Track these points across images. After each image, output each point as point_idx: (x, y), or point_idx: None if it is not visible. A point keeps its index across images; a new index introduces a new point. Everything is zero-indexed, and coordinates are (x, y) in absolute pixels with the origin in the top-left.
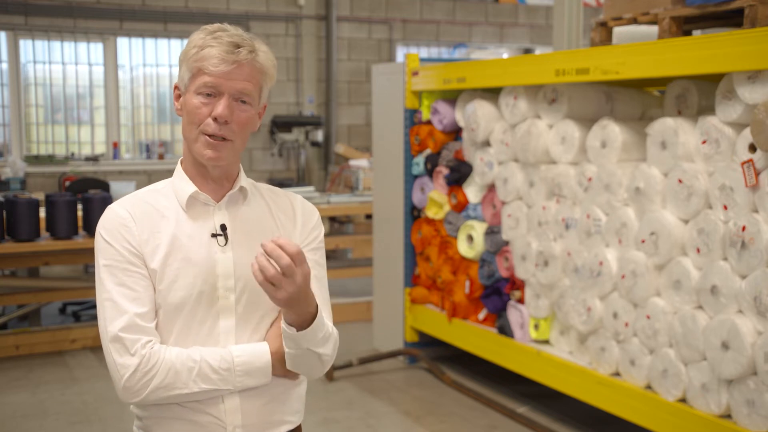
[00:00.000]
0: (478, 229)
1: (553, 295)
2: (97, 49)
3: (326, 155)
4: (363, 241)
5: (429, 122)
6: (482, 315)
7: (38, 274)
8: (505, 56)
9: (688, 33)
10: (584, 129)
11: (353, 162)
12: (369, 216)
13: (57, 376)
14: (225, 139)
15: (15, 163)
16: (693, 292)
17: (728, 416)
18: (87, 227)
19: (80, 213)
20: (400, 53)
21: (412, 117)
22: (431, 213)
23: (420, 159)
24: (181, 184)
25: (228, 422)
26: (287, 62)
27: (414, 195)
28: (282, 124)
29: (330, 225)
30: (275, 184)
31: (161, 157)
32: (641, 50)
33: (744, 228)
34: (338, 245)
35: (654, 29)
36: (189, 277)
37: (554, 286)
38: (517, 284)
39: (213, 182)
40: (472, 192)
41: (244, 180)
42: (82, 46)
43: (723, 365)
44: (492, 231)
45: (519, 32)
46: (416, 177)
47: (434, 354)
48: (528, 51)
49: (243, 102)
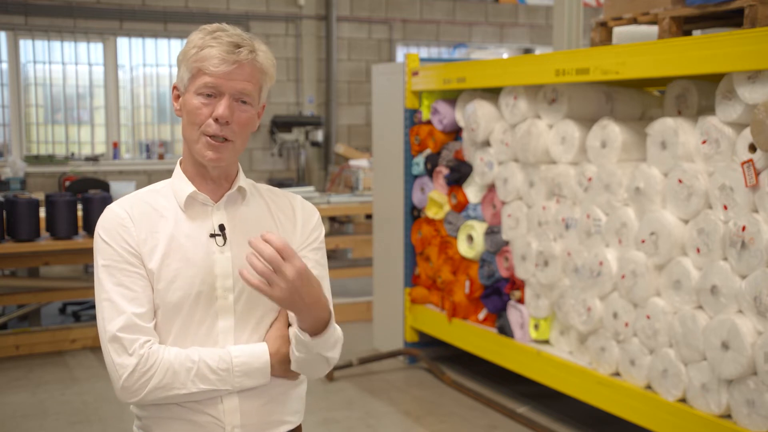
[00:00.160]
0: (478, 229)
1: (553, 295)
2: (97, 49)
3: (326, 155)
4: (363, 241)
5: (429, 122)
6: (482, 315)
7: (38, 274)
8: (505, 56)
9: (688, 33)
10: (584, 129)
11: (353, 162)
12: (369, 216)
13: (57, 376)
14: (226, 140)
15: (15, 163)
16: (693, 292)
17: (728, 416)
18: (87, 227)
19: (80, 213)
20: (400, 53)
21: (412, 117)
22: (431, 213)
23: (420, 159)
24: (180, 184)
25: (227, 422)
26: (287, 62)
27: (414, 195)
28: (282, 124)
29: (330, 225)
30: (275, 184)
31: (161, 157)
32: (641, 50)
33: (744, 228)
34: (338, 245)
35: (654, 29)
36: (187, 277)
37: (554, 286)
38: (517, 284)
39: (212, 182)
40: (472, 192)
41: (243, 180)
42: (82, 46)
43: (723, 365)
44: (492, 231)
45: (519, 32)
46: (416, 177)
47: (434, 354)
48: (528, 51)
49: (243, 102)
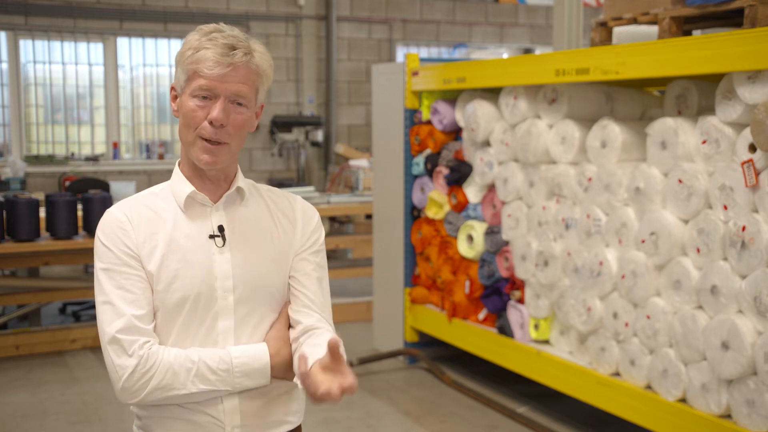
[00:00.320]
0: (478, 229)
1: (553, 295)
2: (97, 49)
3: (326, 155)
4: (363, 241)
5: (429, 122)
6: (482, 315)
7: (38, 274)
8: (505, 56)
9: (688, 33)
10: (584, 129)
11: (353, 162)
12: (369, 216)
13: (57, 376)
14: (221, 143)
15: (15, 163)
16: (693, 292)
17: (728, 416)
18: (87, 227)
19: (80, 213)
20: (400, 53)
21: (412, 117)
22: (431, 213)
23: (420, 159)
24: (179, 185)
25: (227, 422)
26: (287, 62)
27: (414, 195)
28: (282, 124)
29: (330, 225)
30: (275, 184)
31: (161, 157)
32: (641, 50)
33: (744, 228)
34: (338, 245)
35: (654, 29)
36: (187, 279)
37: (554, 286)
38: (517, 284)
39: (210, 183)
40: (472, 192)
41: (242, 180)
42: (82, 46)
43: (723, 365)
44: (492, 231)
45: (519, 32)
46: (416, 177)
47: (434, 354)
48: (528, 51)
49: (239, 104)
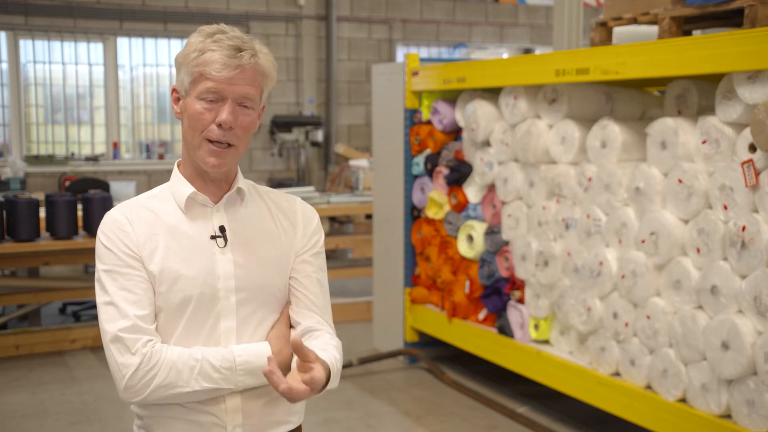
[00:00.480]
0: (478, 229)
1: (553, 295)
2: (97, 49)
3: (326, 155)
4: (363, 241)
5: (429, 122)
6: (482, 315)
7: (38, 274)
8: (505, 56)
9: (688, 33)
10: (584, 129)
11: (353, 162)
12: (369, 216)
13: (57, 376)
14: (230, 145)
15: (15, 163)
16: (693, 292)
17: (728, 416)
18: (87, 227)
19: (80, 213)
20: (400, 53)
21: (412, 117)
22: (431, 213)
23: (420, 159)
24: (180, 186)
25: (228, 422)
26: (287, 62)
27: (414, 195)
28: (282, 124)
29: (330, 225)
30: (275, 184)
31: (161, 157)
32: (641, 50)
33: (744, 228)
34: (338, 245)
35: (654, 29)
36: (189, 279)
37: (554, 286)
38: (517, 284)
39: (211, 184)
40: (472, 192)
41: (242, 181)
42: (82, 46)
43: (723, 365)
44: (492, 231)
45: (519, 32)
46: (416, 177)
47: (434, 354)
48: (528, 51)
49: (245, 106)
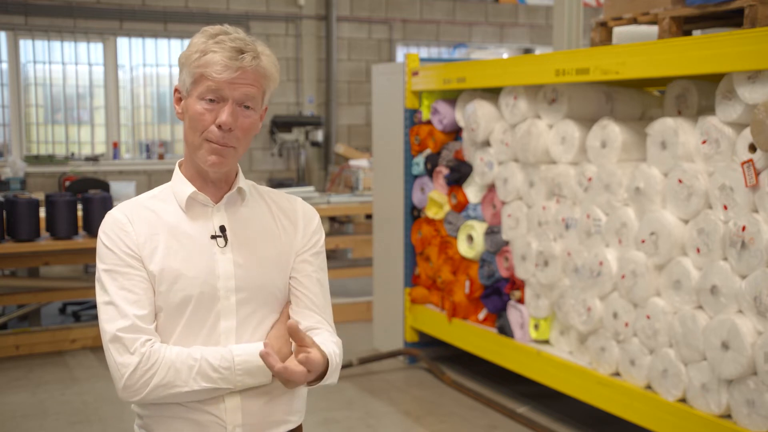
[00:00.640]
0: (478, 229)
1: (553, 295)
2: (97, 49)
3: (326, 155)
4: (363, 241)
5: (429, 122)
6: (482, 315)
7: (38, 274)
8: (505, 56)
9: (688, 33)
10: (584, 129)
11: (353, 162)
12: (369, 216)
13: (57, 376)
14: (228, 146)
15: (15, 163)
16: (693, 292)
17: (728, 416)
18: (87, 227)
19: (80, 213)
20: (400, 53)
21: (412, 117)
22: (431, 213)
23: (420, 159)
24: (180, 186)
25: (228, 421)
26: (287, 62)
27: (414, 195)
28: (282, 124)
29: (330, 225)
30: (275, 184)
31: (161, 157)
32: (641, 50)
33: (744, 228)
34: (338, 245)
35: (654, 29)
36: (189, 279)
37: (554, 286)
38: (517, 284)
39: (212, 184)
40: (472, 192)
41: (243, 181)
42: (82, 46)
43: (723, 365)
44: (492, 231)
45: (519, 32)
46: (416, 177)
47: (434, 354)
48: (528, 51)
49: (246, 107)
